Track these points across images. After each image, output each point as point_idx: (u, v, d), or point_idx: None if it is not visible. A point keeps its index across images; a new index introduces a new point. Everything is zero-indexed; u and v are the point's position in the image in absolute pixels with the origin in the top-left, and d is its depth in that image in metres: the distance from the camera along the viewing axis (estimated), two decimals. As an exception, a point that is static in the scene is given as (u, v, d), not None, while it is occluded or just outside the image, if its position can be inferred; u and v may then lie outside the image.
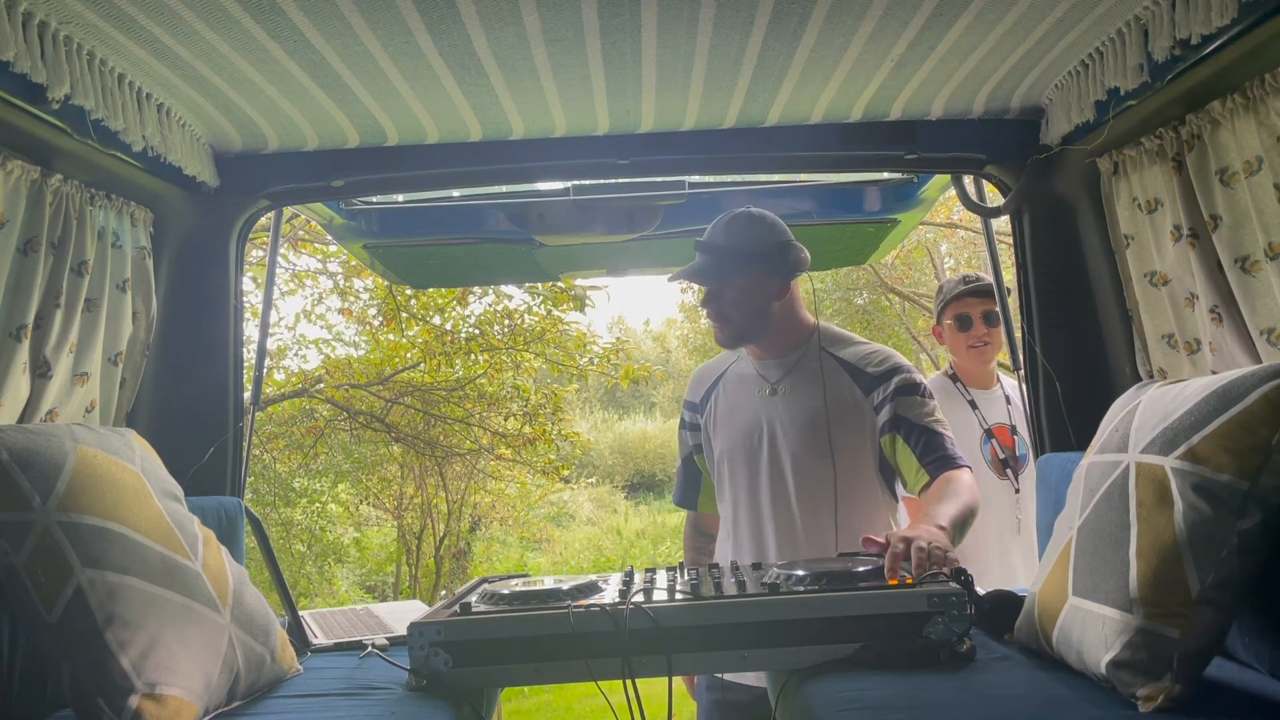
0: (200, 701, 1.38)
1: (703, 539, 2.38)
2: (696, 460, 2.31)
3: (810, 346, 2.13)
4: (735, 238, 2.08)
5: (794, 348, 2.15)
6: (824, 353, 2.12)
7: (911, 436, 1.99)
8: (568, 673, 1.50)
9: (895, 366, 2.07)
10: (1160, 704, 1.22)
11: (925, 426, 1.99)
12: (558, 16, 1.61)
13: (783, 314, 2.12)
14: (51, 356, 1.73)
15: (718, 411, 2.22)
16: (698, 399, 2.29)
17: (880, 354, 2.10)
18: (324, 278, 8.05)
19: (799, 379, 2.11)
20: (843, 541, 2.01)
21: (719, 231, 2.11)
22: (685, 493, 2.38)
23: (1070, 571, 1.42)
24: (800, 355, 2.13)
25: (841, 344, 2.15)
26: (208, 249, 2.23)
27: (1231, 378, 1.30)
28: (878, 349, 2.12)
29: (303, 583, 9.45)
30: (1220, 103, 1.56)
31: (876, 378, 2.06)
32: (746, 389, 2.18)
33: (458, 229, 2.70)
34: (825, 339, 2.15)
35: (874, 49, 1.80)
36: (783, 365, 2.14)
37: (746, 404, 2.16)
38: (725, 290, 2.08)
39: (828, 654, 1.46)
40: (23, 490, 1.35)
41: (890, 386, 2.03)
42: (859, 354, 2.11)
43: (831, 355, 2.12)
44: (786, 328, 2.14)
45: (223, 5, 1.51)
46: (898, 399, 2.02)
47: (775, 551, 2.06)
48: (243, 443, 2.26)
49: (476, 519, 11.68)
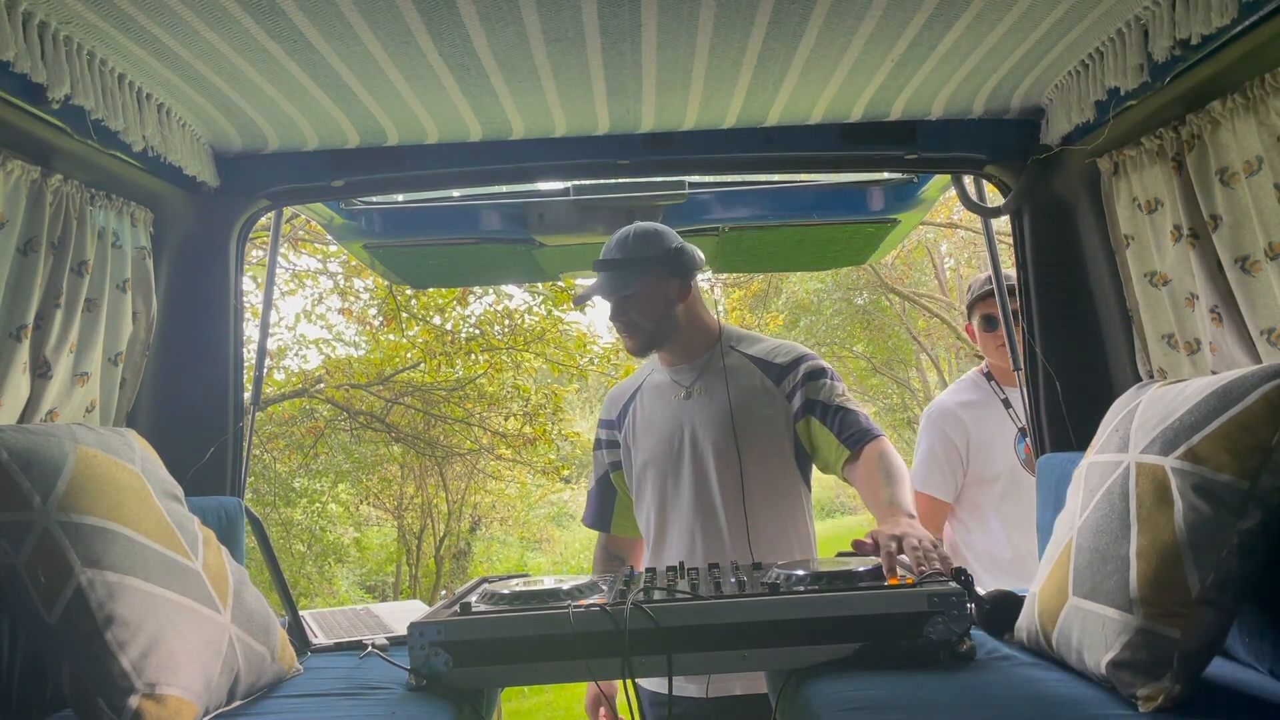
0: (200, 701, 1.38)
1: (614, 562, 2.38)
2: (613, 479, 2.33)
3: (718, 347, 2.20)
4: (629, 249, 2.15)
5: (702, 350, 2.22)
6: (732, 350, 2.20)
7: (826, 416, 2.06)
8: (568, 673, 1.50)
9: (801, 355, 2.16)
10: (1160, 704, 1.22)
11: (838, 405, 2.07)
12: (558, 16, 1.61)
13: (687, 317, 2.20)
14: (51, 356, 1.73)
15: (636, 424, 2.26)
16: (614, 416, 2.33)
17: (785, 346, 2.20)
18: (324, 278, 8.06)
19: (711, 379, 2.18)
20: (761, 531, 2.05)
21: (613, 248, 2.18)
22: (600, 514, 2.37)
23: (1070, 571, 1.42)
24: (709, 356, 2.21)
25: (748, 342, 2.24)
26: (208, 249, 2.23)
27: (1231, 378, 1.30)
28: (782, 343, 2.22)
29: (303, 583, 9.45)
30: (1220, 103, 1.56)
31: (784, 367, 2.14)
32: (663, 397, 2.23)
33: (458, 229, 2.70)
34: (731, 338, 2.24)
35: (874, 49, 1.80)
36: (694, 369, 2.21)
37: (664, 411, 2.21)
38: (628, 298, 2.14)
39: (828, 654, 1.46)
40: (23, 490, 1.35)
41: (799, 373, 2.12)
42: (765, 349, 2.20)
43: (739, 352, 2.20)
44: (693, 331, 2.21)
45: (223, 5, 1.51)
46: (807, 384, 2.10)
47: (703, 550, 2.09)
48: (243, 443, 2.26)
49: (476, 519, 11.69)
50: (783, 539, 2.10)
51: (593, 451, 2.42)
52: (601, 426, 2.37)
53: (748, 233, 2.80)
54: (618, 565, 2.37)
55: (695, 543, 2.11)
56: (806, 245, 2.94)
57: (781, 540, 2.10)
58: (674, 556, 2.13)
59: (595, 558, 2.47)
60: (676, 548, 2.14)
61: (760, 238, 2.86)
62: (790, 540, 2.11)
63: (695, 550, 2.10)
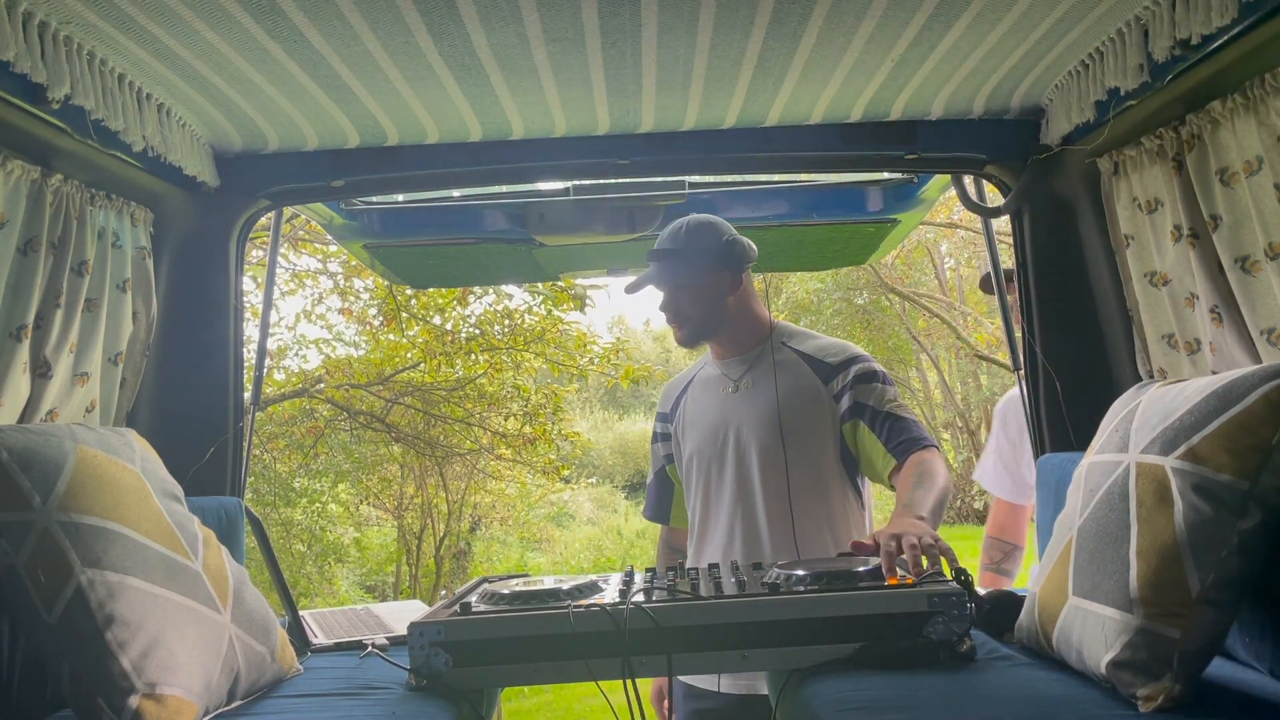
0: (200, 701, 1.38)
1: (676, 555, 2.38)
2: (669, 472, 2.34)
3: (769, 342, 2.19)
4: (682, 241, 2.15)
5: (753, 344, 2.20)
6: (783, 346, 2.18)
7: (875, 422, 2.03)
8: (568, 673, 1.50)
9: (853, 356, 2.13)
10: (1160, 704, 1.22)
11: (888, 412, 2.03)
12: (558, 16, 1.61)
13: (738, 309, 2.19)
14: (51, 356, 1.73)
15: (686, 417, 2.26)
16: (668, 409, 2.34)
17: (838, 345, 2.17)
18: (324, 278, 8.06)
19: (759, 374, 2.16)
20: (801, 531, 2.03)
21: (666, 239, 2.18)
22: (658, 507, 2.38)
23: (1070, 571, 1.42)
24: (760, 351, 2.19)
25: (800, 338, 2.22)
26: (208, 249, 2.23)
27: (1231, 378, 1.30)
28: (835, 341, 2.19)
29: (303, 583, 9.45)
30: (1220, 103, 1.56)
31: (835, 367, 2.11)
32: (711, 390, 2.23)
33: (458, 229, 2.70)
34: (783, 334, 2.22)
35: (874, 49, 1.80)
36: (744, 362, 2.20)
37: (712, 404, 2.21)
38: (679, 290, 2.14)
39: (828, 654, 1.46)
40: (23, 490, 1.35)
41: (849, 375, 2.09)
42: (817, 346, 2.18)
43: (790, 348, 2.18)
44: (743, 324, 2.20)
45: (223, 5, 1.51)
46: (857, 386, 2.07)
47: (742, 546, 2.08)
48: (243, 443, 2.26)
49: (476, 519, 11.69)
50: (824, 541, 2.06)
51: (650, 445, 2.42)
52: (657, 420, 2.38)
53: (747, 233, 2.80)
54: (680, 559, 2.37)
55: (735, 539, 2.09)
56: (806, 245, 2.94)
57: (822, 542, 2.06)
58: (714, 551, 2.12)
59: (658, 551, 2.47)
60: (717, 543, 2.12)
61: (760, 238, 2.85)
62: (831, 543, 2.07)
63: (734, 546, 2.09)
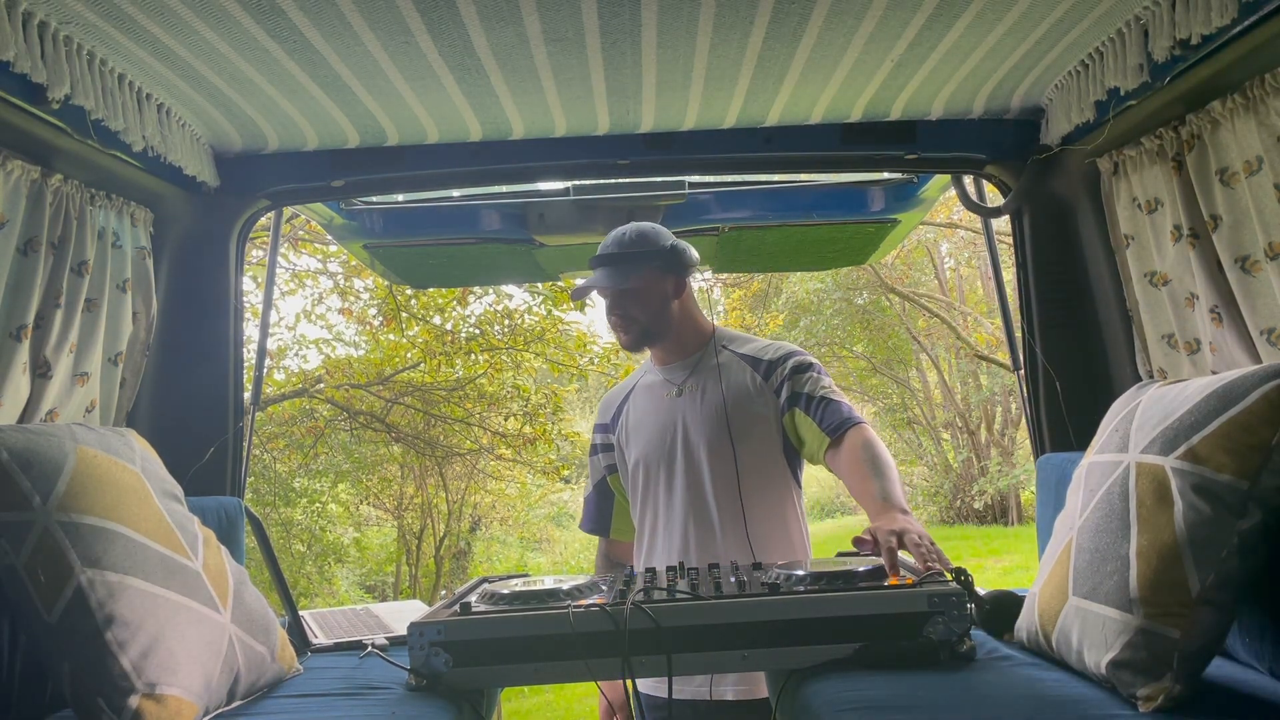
0: (200, 701, 1.38)
1: (615, 568, 2.36)
2: (610, 483, 2.34)
3: (710, 345, 2.22)
4: (627, 245, 2.17)
5: (695, 349, 2.23)
6: (724, 349, 2.21)
7: (810, 407, 2.07)
8: (568, 673, 1.50)
9: (790, 352, 2.18)
10: (1160, 704, 1.22)
11: (821, 396, 2.08)
12: (558, 16, 1.61)
13: (682, 315, 2.21)
14: (51, 356, 1.73)
15: (629, 424, 2.27)
16: (609, 419, 2.34)
17: (775, 345, 2.22)
18: (324, 278, 8.06)
19: (703, 376, 2.19)
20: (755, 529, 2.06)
21: (611, 244, 2.19)
22: (599, 519, 2.37)
23: (1070, 571, 1.42)
24: (702, 355, 2.22)
25: (739, 342, 2.25)
26: (208, 249, 2.23)
27: (1231, 378, 1.30)
28: (773, 342, 2.23)
29: (303, 583, 9.45)
30: (1220, 103, 1.56)
31: (773, 363, 2.15)
32: (655, 396, 2.25)
33: (458, 229, 2.70)
34: (724, 338, 2.26)
35: (874, 49, 1.80)
36: (686, 366, 2.22)
37: (656, 410, 2.22)
38: (625, 292, 2.15)
39: (828, 654, 1.46)
40: (23, 490, 1.35)
41: (787, 367, 2.13)
42: (755, 347, 2.22)
43: (730, 351, 2.21)
44: (686, 329, 2.22)
45: (223, 5, 1.51)
46: (794, 377, 2.11)
47: (695, 545, 2.09)
48: (243, 443, 2.26)
49: (476, 519, 11.69)
50: (775, 536, 2.11)
51: (589, 457, 2.42)
52: (596, 431, 2.38)
53: (748, 233, 2.80)
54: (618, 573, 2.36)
55: (689, 540, 2.11)
56: (806, 245, 2.94)
57: (774, 537, 2.10)
58: (666, 553, 2.13)
59: (596, 565, 2.46)
60: (669, 545, 2.14)
61: (760, 238, 2.86)
62: (782, 537, 2.12)
63: (689, 547, 2.11)
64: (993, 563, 9.97)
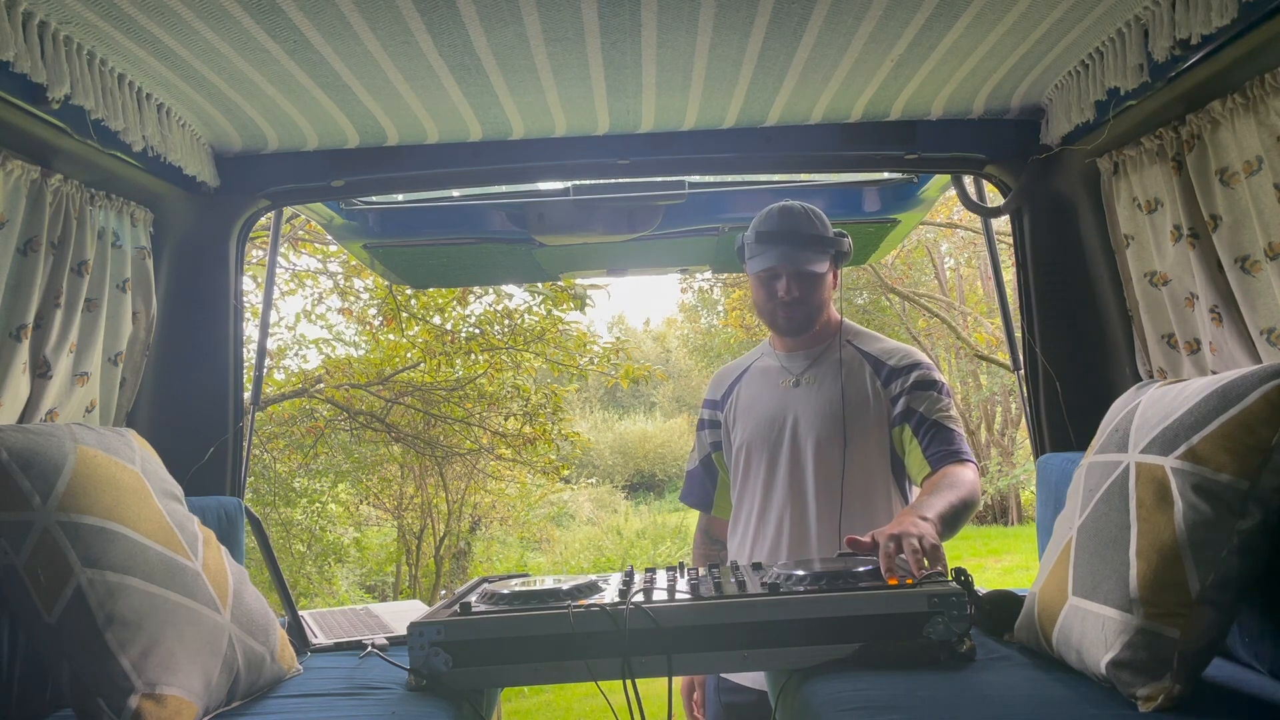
0: (200, 701, 1.38)
1: (714, 545, 2.37)
2: (715, 459, 2.32)
3: (836, 339, 2.19)
4: (820, 229, 2.13)
5: (821, 340, 2.20)
6: (848, 345, 2.17)
7: (920, 428, 2.03)
8: (568, 673, 1.50)
9: (916, 362, 2.13)
10: (1160, 704, 1.22)
11: (935, 420, 2.03)
12: (558, 16, 1.61)
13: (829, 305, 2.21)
14: (51, 356, 1.73)
15: (739, 405, 2.25)
16: (719, 396, 2.32)
17: (903, 350, 2.17)
18: (324, 278, 8.05)
19: (822, 370, 2.16)
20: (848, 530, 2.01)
21: (800, 222, 2.11)
22: (701, 494, 2.36)
23: (1070, 571, 1.42)
24: (825, 347, 2.19)
25: (865, 339, 2.22)
26: (208, 249, 2.23)
27: (1231, 378, 1.30)
28: (900, 346, 2.19)
29: (303, 583, 9.44)
30: (1220, 103, 1.56)
31: (896, 370, 2.11)
32: (769, 381, 2.22)
33: (458, 229, 2.70)
34: (850, 333, 2.22)
35: (874, 49, 1.80)
36: (808, 356, 2.19)
37: (769, 395, 2.20)
38: (812, 274, 2.11)
39: (828, 654, 1.46)
40: (23, 490, 1.35)
41: (909, 380, 2.09)
42: (883, 349, 2.18)
43: (856, 348, 2.17)
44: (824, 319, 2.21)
45: (223, 5, 1.51)
46: (913, 392, 2.07)
47: (789, 538, 2.08)
48: (243, 443, 2.26)
49: (476, 519, 11.68)
50: None
51: (696, 432, 2.40)
52: (705, 406, 2.36)
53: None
54: (718, 549, 2.36)
55: (783, 532, 2.09)
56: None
57: None
58: (758, 541, 2.12)
59: (695, 540, 2.46)
60: (762, 533, 2.13)
61: (760, 238, 2.86)
62: None
63: (781, 540, 2.09)
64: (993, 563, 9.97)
